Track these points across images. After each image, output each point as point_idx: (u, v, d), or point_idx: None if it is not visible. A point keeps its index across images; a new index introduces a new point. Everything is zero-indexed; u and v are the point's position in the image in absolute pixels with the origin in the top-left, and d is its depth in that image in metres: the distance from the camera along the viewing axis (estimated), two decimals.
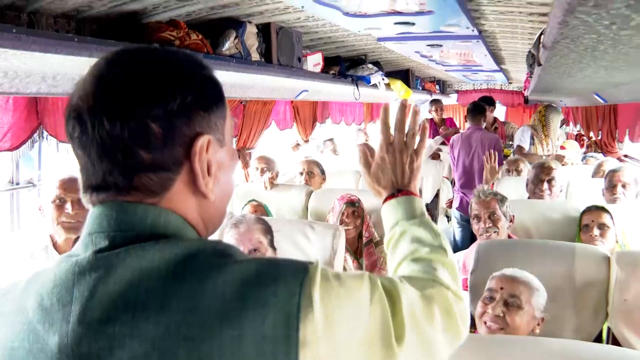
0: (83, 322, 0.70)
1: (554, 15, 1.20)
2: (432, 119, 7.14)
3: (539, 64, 2.38)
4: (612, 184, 3.29)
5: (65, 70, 2.15)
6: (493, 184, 3.87)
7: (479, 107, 5.43)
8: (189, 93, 0.76)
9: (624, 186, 3.25)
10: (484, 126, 5.48)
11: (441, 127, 7.01)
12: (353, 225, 3.19)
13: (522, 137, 5.11)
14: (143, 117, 0.73)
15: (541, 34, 2.41)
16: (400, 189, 1.12)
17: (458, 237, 5.05)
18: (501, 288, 1.89)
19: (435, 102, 7.26)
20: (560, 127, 9.42)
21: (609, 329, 2.16)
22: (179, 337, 0.68)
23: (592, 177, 3.71)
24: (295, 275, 0.72)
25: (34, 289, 0.75)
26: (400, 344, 0.79)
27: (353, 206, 3.21)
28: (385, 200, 1.13)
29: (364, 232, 3.22)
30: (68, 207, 2.31)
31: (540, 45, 2.12)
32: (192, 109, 0.77)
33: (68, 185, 2.32)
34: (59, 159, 2.76)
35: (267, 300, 0.70)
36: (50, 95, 2.48)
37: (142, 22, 2.38)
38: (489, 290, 1.94)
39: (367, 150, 1.18)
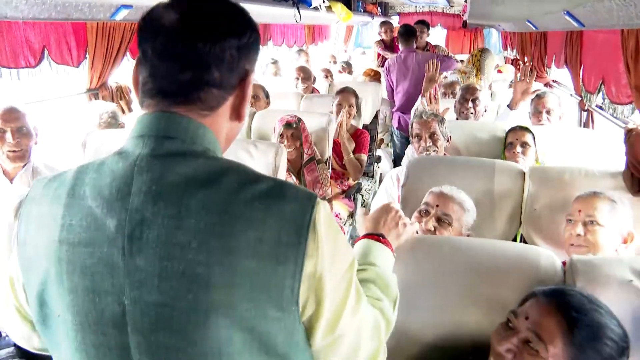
0: (139, 211, 0.87)
1: None
2: (382, 40, 7.34)
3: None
4: (537, 110, 3.49)
5: None
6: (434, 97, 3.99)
7: (410, 30, 5.63)
8: (252, 35, 0.95)
9: (548, 112, 3.45)
10: (415, 47, 5.65)
11: (390, 47, 7.25)
12: (293, 147, 3.35)
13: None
14: (224, 44, 0.91)
15: None
16: (382, 236, 1.38)
17: (398, 150, 5.41)
18: (437, 205, 2.09)
19: (385, 23, 7.44)
20: (498, 53, 9.72)
21: (522, 235, 2.43)
22: (214, 233, 0.85)
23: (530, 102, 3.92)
24: (309, 200, 0.90)
25: (91, 180, 0.92)
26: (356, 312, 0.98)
27: (291, 128, 3.35)
28: (370, 236, 1.38)
29: (305, 150, 3.37)
30: (8, 136, 2.39)
31: None
32: (251, 47, 0.96)
33: (7, 115, 2.39)
34: (2, 84, 2.78)
35: (285, 213, 0.87)
36: None
37: None
38: (425, 204, 2.13)
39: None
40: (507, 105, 3.66)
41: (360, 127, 4.51)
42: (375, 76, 6.19)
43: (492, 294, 1.55)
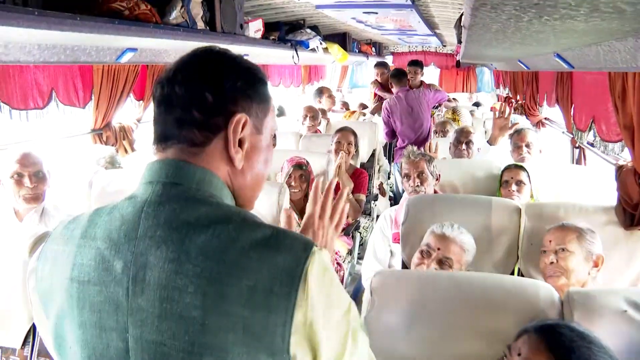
0: (143, 255, 0.93)
1: (466, 7, 1.44)
2: (378, 81, 7.56)
3: (459, 42, 2.63)
4: (517, 145, 3.64)
5: (16, 39, 2.22)
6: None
7: (402, 72, 6.06)
8: (239, 80, 1.02)
9: (527, 146, 3.60)
10: (408, 86, 6.03)
11: (386, 88, 7.46)
12: (299, 189, 3.41)
13: None
14: (202, 87, 0.99)
15: (461, 15, 2.66)
16: None
17: (401, 187, 5.48)
18: (438, 249, 2.16)
19: (379, 65, 7.64)
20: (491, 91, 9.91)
21: (519, 269, 2.49)
22: (210, 279, 0.89)
23: (509, 138, 4.03)
24: (303, 251, 0.92)
25: (102, 222, 0.99)
26: None
27: (300, 169, 3.42)
28: None
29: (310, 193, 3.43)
30: (26, 181, 2.49)
31: (461, 24, 2.37)
32: (239, 92, 1.01)
33: (25, 160, 2.50)
34: (12, 125, 2.85)
35: (278, 264, 0.90)
36: (1, 63, 2.55)
37: None
38: (427, 245, 2.20)
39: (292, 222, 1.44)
40: (487, 141, 3.82)
41: (358, 165, 4.59)
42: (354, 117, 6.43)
43: (493, 326, 1.61)
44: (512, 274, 2.50)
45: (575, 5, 1.12)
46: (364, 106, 8.00)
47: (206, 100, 0.98)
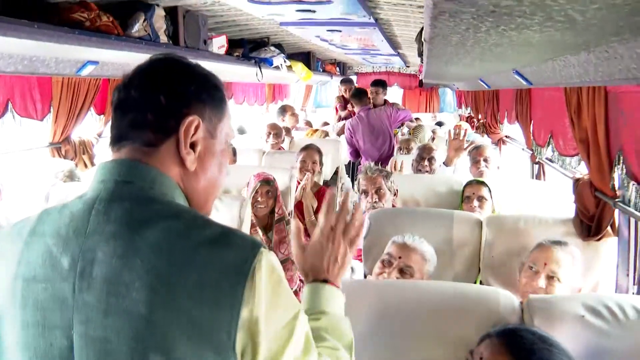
0: (91, 250, 0.93)
1: (426, 17, 1.47)
2: (343, 97, 7.69)
3: (420, 56, 2.67)
4: (475, 160, 3.72)
5: None
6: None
7: (363, 91, 6.29)
8: (192, 85, 1.05)
9: (485, 160, 3.68)
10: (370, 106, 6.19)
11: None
12: (265, 205, 3.39)
13: None
14: (156, 91, 1.02)
15: (422, 29, 2.70)
16: (326, 280, 1.28)
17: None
18: (399, 257, 2.16)
19: (346, 81, 7.75)
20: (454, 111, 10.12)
21: (480, 281, 2.51)
22: (158, 274, 0.89)
23: (467, 155, 4.09)
24: (252, 249, 0.93)
25: (51, 220, 0.99)
26: None
27: (268, 185, 3.40)
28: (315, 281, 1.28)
29: (276, 210, 3.42)
30: None
31: (422, 38, 2.41)
32: (192, 96, 1.04)
33: None
34: None
35: (227, 260, 0.91)
36: None
37: (51, 2, 2.41)
38: (388, 254, 2.20)
39: (300, 233, 1.38)
40: (443, 163, 3.90)
41: (321, 183, 4.60)
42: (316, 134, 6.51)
43: (456, 333, 1.61)
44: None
45: (529, 14, 1.14)
46: (326, 124, 8.09)
47: (160, 102, 1.01)
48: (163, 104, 1.01)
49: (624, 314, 1.57)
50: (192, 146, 1.03)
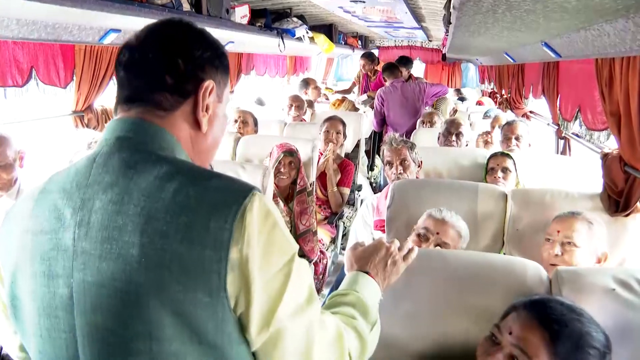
0: (90, 200, 0.97)
1: None
2: (364, 72, 7.60)
3: (450, 23, 2.61)
4: (507, 137, 3.65)
5: None
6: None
7: (394, 65, 6.27)
8: (207, 51, 1.08)
9: (517, 138, 3.61)
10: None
11: (373, 78, 7.53)
12: (287, 175, 3.38)
13: None
14: (174, 54, 1.04)
15: None
16: (368, 272, 1.37)
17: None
18: (437, 233, 2.14)
19: (364, 56, 7.64)
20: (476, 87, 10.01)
21: (504, 254, 2.48)
22: (149, 217, 0.92)
23: (499, 129, 4.04)
24: (243, 191, 0.95)
25: (59, 177, 1.04)
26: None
27: (291, 156, 3.39)
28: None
29: (298, 180, 3.41)
30: None
31: (451, 5, 2.35)
32: (207, 61, 1.07)
33: None
34: None
35: (217, 202, 0.93)
36: None
37: None
38: (425, 228, 2.17)
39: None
40: None
41: (343, 155, 4.58)
42: (343, 104, 6.46)
43: (481, 304, 1.59)
44: None
45: None
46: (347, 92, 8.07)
47: (178, 66, 1.03)
48: (182, 67, 1.03)
49: None
50: (206, 109, 1.07)
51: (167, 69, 1.03)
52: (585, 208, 2.29)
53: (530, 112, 5.43)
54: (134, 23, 2.67)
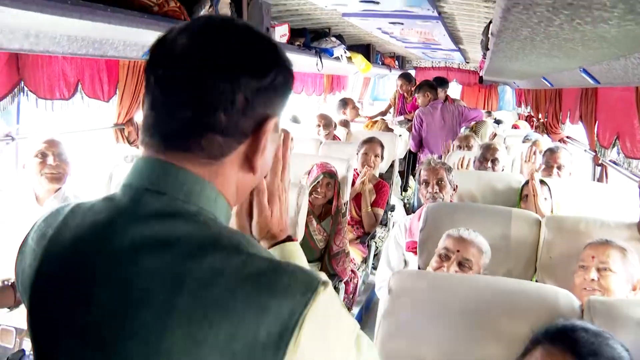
0: (109, 272, 0.77)
1: (497, 9, 1.44)
2: (401, 93, 7.62)
3: (487, 49, 2.63)
4: (549, 164, 3.54)
5: (47, 29, 2.26)
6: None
7: (432, 84, 6.25)
8: (278, 76, 0.82)
9: (559, 167, 3.50)
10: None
11: (409, 99, 7.59)
12: (323, 195, 3.40)
13: None
14: (236, 84, 0.78)
15: (490, 22, 2.65)
16: (290, 237, 1.10)
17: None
18: (457, 251, 2.15)
19: (402, 77, 7.69)
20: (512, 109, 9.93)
21: (536, 281, 2.46)
22: (183, 316, 0.72)
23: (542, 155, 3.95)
24: (304, 294, 0.74)
25: (74, 226, 0.84)
26: None
27: (330, 178, 3.41)
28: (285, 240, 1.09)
29: (334, 201, 3.43)
30: (50, 159, 2.55)
31: (489, 32, 2.36)
32: (275, 90, 0.83)
33: (51, 142, 2.57)
34: (37, 114, 2.90)
35: (270, 309, 0.72)
36: (31, 53, 2.58)
37: None
38: (445, 248, 2.19)
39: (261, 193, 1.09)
40: None
41: (377, 175, 4.60)
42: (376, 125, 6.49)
43: (512, 330, 1.58)
44: None
45: (610, 6, 1.11)
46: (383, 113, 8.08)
47: (238, 101, 0.78)
48: (242, 103, 0.79)
49: None
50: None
51: (223, 102, 0.77)
52: (621, 237, 2.25)
53: (567, 137, 5.37)
54: None
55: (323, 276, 0.79)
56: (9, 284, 1.59)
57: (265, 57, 0.82)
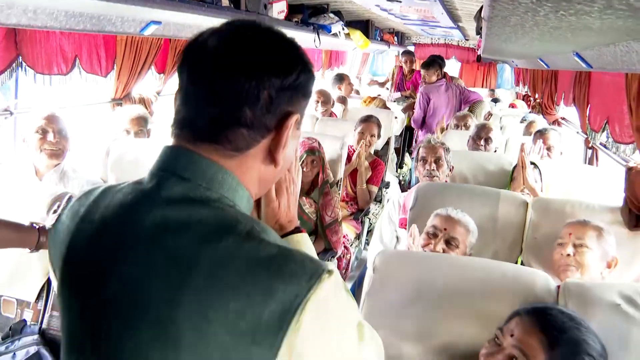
0: (134, 250, 0.84)
1: None
2: (401, 67, 7.68)
3: (478, 34, 2.65)
4: (539, 146, 3.63)
5: (45, 4, 2.27)
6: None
7: (438, 63, 6.14)
8: (301, 76, 0.90)
9: (549, 149, 3.59)
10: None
11: (409, 77, 7.63)
12: (310, 174, 3.44)
13: None
14: (261, 82, 0.85)
15: (481, 8, 2.67)
16: (298, 228, 1.17)
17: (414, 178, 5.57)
18: (445, 229, 2.22)
19: (407, 53, 7.67)
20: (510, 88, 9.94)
21: (522, 261, 2.53)
22: (195, 294, 0.78)
23: (523, 135, 4.05)
24: (308, 280, 0.79)
25: (103, 206, 0.91)
26: None
27: (313, 154, 3.43)
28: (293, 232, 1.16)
29: (320, 174, 3.46)
30: (50, 136, 2.58)
31: (481, 17, 2.39)
32: (297, 89, 0.90)
33: (51, 117, 2.59)
34: (35, 89, 2.93)
35: (276, 291, 0.78)
36: (29, 28, 2.60)
37: None
38: (433, 227, 2.25)
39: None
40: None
41: (372, 152, 4.64)
42: (374, 102, 6.49)
43: (490, 311, 1.65)
44: None
45: (589, 1, 1.14)
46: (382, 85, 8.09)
47: (263, 98, 0.86)
48: (267, 100, 0.86)
49: None
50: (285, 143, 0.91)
51: (249, 99, 0.84)
52: (604, 221, 2.31)
53: (562, 118, 5.40)
54: (174, 16, 2.78)
55: (330, 265, 0.84)
56: (37, 227, 1.63)
57: (289, 58, 0.90)
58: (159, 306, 0.79)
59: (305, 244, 1.13)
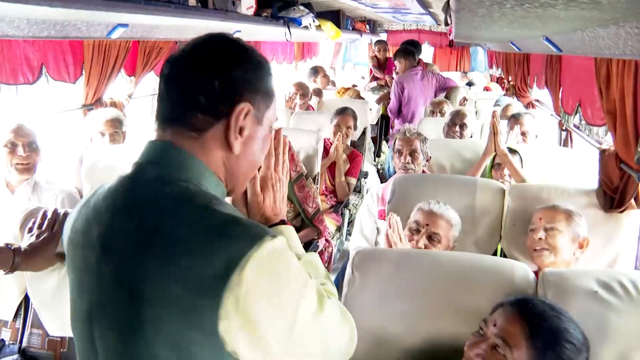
0: (111, 226, 1.02)
1: None
2: (376, 57, 7.65)
3: (446, 25, 2.64)
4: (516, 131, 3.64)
5: (3, 13, 2.19)
6: None
7: (411, 51, 6.14)
8: (249, 72, 1.06)
9: (523, 134, 3.62)
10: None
11: (383, 66, 7.71)
12: None
13: None
14: (212, 74, 1.03)
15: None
16: (283, 221, 1.29)
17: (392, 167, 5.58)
18: (427, 224, 2.23)
19: (380, 42, 7.68)
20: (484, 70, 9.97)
21: (501, 249, 2.55)
22: (157, 253, 0.94)
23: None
24: (252, 240, 0.92)
25: (97, 195, 1.09)
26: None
27: None
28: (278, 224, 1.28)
29: (290, 169, 3.43)
30: (20, 150, 2.51)
31: (449, 7, 2.38)
32: (246, 83, 1.05)
33: (19, 130, 2.53)
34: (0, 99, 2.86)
35: (221, 249, 0.92)
36: None
37: None
38: (415, 222, 2.27)
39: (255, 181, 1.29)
40: None
41: (349, 143, 4.63)
42: (348, 92, 6.48)
43: (470, 304, 1.66)
44: (495, 254, 2.56)
45: None
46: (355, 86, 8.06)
47: (213, 87, 1.02)
48: (217, 88, 1.02)
49: (636, 290, 1.60)
50: (240, 131, 1.05)
51: (202, 88, 1.02)
52: (581, 204, 2.34)
53: (536, 100, 5.44)
54: (141, 18, 2.73)
55: (278, 236, 0.97)
56: (11, 247, 1.58)
57: (237, 57, 1.07)
58: (129, 265, 0.97)
59: (288, 234, 1.24)
